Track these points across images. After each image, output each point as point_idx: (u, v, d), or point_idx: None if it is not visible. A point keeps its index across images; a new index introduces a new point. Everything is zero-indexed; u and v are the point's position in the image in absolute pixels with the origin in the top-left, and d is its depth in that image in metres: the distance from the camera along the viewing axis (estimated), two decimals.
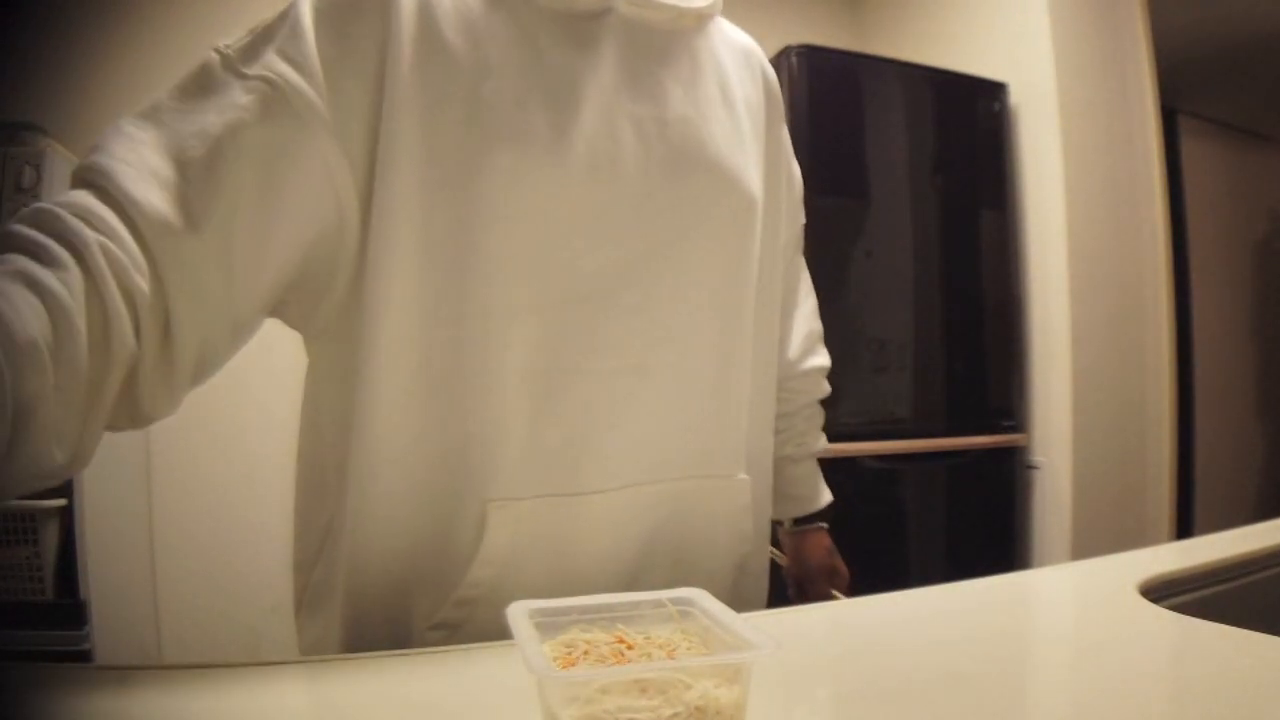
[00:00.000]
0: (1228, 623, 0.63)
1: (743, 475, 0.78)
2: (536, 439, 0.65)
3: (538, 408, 0.65)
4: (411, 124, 0.61)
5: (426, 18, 0.62)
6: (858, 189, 2.30)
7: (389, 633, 0.65)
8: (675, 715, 0.41)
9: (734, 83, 0.79)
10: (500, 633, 0.61)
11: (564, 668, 0.46)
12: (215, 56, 0.59)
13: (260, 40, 0.59)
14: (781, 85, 0.88)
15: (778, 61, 2.23)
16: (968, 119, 2.46)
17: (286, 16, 0.60)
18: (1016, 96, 2.49)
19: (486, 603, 0.63)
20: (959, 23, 2.69)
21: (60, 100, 2.01)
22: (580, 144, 0.65)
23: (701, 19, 0.79)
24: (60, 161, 1.80)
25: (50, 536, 1.64)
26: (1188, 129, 3.05)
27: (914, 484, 2.35)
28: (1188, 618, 0.67)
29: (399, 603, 0.65)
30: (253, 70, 0.57)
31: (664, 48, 0.73)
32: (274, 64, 0.57)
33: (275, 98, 0.57)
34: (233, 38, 0.60)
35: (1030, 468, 2.42)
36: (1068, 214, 2.35)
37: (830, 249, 2.18)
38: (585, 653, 0.48)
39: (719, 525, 0.76)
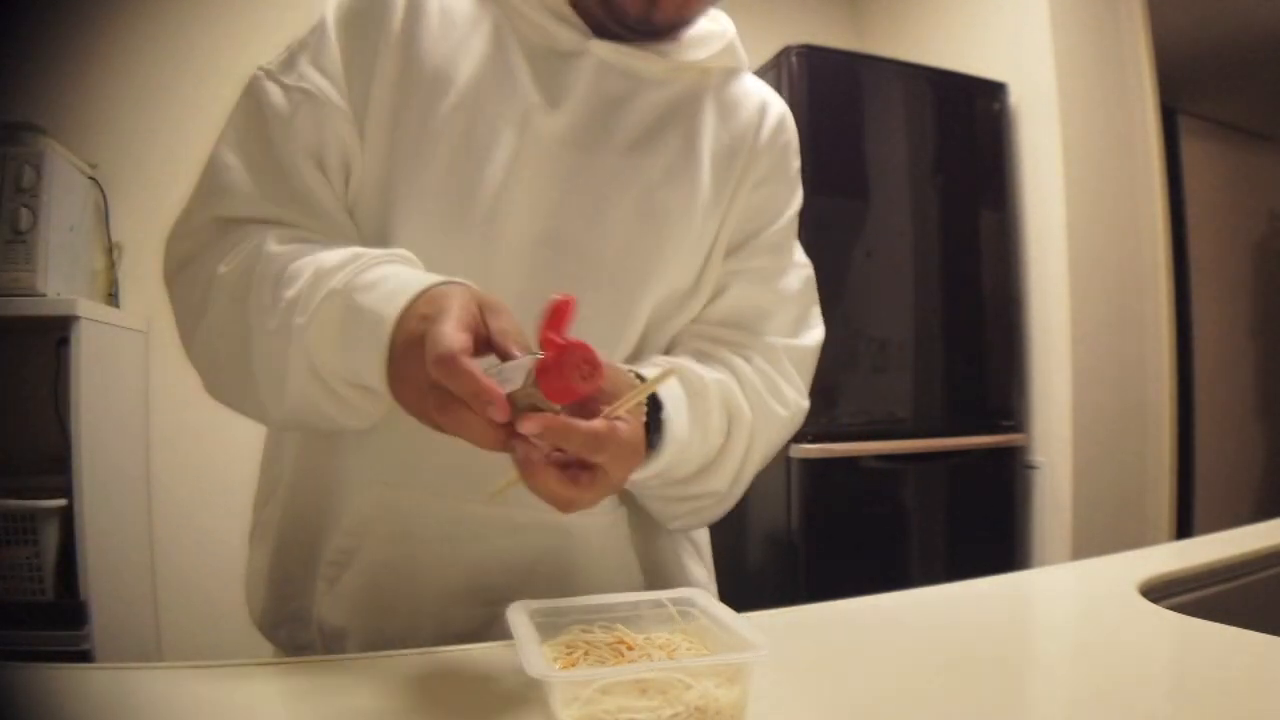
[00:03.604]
0: (1228, 623, 0.63)
1: (618, 508, 0.74)
2: (389, 427, 0.65)
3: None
4: (381, 129, 0.67)
5: (409, 35, 0.68)
6: (858, 189, 2.29)
7: (301, 570, 0.71)
8: (675, 715, 0.41)
9: (706, 134, 0.75)
10: (376, 590, 0.67)
11: (564, 668, 0.46)
12: (260, 74, 0.69)
13: (297, 51, 0.69)
14: (782, 85, 0.88)
15: (778, 61, 2.22)
16: (968, 119, 2.46)
17: (316, 30, 0.69)
18: (1016, 96, 2.49)
19: (353, 567, 0.68)
20: (959, 23, 2.69)
21: (60, 100, 2.01)
22: (489, 184, 0.66)
23: (707, 74, 0.76)
24: (60, 161, 1.79)
25: (50, 536, 1.64)
26: (1188, 129, 3.05)
27: (914, 484, 2.34)
28: (1188, 618, 0.67)
29: (310, 551, 0.70)
30: (291, 80, 0.68)
31: (631, 95, 0.72)
32: (309, 74, 0.68)
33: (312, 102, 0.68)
34: (273, 57, 0.70)
35: (1030, 468, 2.42)
36: (1068, 214, 2.35)
37: (830, 249, 2.18)
38: (585, 653, 0.48)
39: (604, 561, 0.73)
